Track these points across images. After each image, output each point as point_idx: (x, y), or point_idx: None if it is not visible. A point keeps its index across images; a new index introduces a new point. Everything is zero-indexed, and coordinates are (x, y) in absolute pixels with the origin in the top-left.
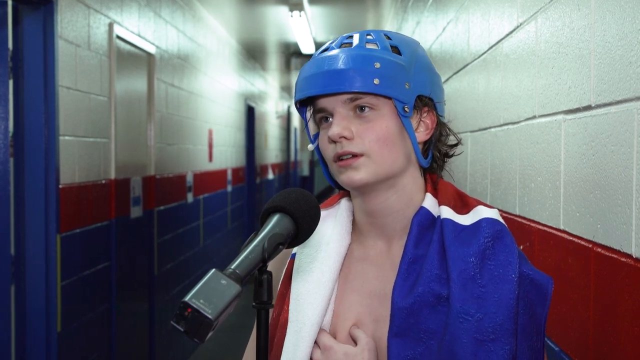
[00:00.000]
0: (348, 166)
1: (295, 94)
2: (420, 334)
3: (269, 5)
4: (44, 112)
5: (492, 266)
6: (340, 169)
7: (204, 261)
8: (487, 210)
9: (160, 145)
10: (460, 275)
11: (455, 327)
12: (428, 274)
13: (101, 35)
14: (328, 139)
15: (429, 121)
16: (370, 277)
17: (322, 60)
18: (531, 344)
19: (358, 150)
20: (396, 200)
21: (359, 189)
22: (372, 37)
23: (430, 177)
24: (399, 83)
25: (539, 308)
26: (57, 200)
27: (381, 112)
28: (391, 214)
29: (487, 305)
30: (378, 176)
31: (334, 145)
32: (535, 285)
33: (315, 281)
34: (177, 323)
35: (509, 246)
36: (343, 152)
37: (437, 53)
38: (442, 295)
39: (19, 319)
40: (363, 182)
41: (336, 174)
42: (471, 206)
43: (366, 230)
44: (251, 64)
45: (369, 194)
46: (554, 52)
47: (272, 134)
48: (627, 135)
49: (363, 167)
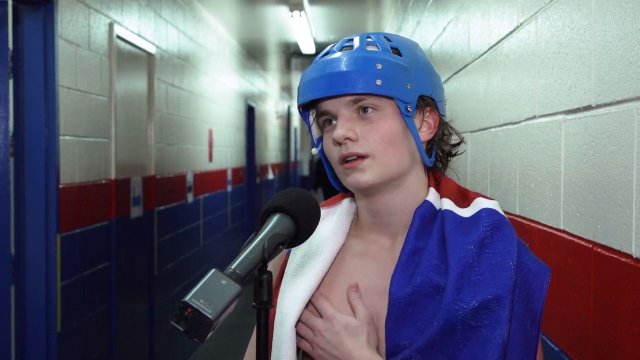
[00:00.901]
0: (354, 168)
1: (298, 98)
2: (418, 323)
3: (269, 5)
4: (44, 112)
5: (490, 254)
6: (347, 171)
7: (204, 261)
8: (487, 201)
9: (161, 145)
10: (459, 263)
11: (450, 314)
12: (427, 264)
13: (101, 35)
14: (333, 141)
15: (432, 120)
16: (370, 272)
17: (324, 64)
18: (524, 332)
19: (363, 151)
20: (401, 199)
21: (365, 190)
22: (373, 39)
23: (433, 174)
24: (401, 83)
25: (536, 297)
26: (57, 200)
27: (384, 112)
28: (396, 213)
29: (483, 292)
30: (384, 177)
31: (338, 147)
32: (532, 274)
33: (302, 276)
34: (177, 323)
35: (508, 235)
36: (348, 153)
37: (437, 53)
38: (440, 286)
39: (19, 319)
40: (369, 184)
41: (342, 177)
42: (471, 199)
43: (369, 228)
44: (251, 64)
45: (375, 195)
46: (554, 52)
47: (272, 134)
48: (628, 135)
49: (369, 169)
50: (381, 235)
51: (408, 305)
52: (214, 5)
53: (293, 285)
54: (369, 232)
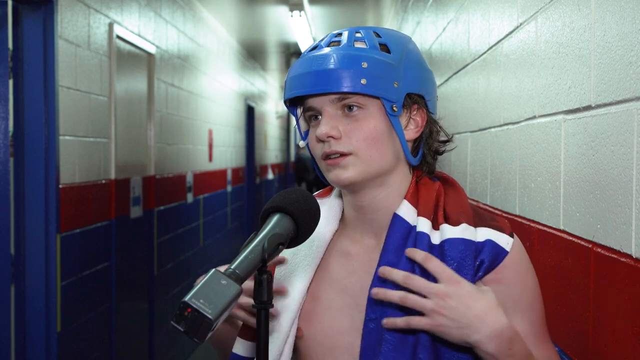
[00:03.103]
0: (336, 165)
1: (285, 92)
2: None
3: (269, 5)
4: (44, 112)
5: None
6: (329, 167)
7: (203, 261)
8: (450, 229)
9: (160, 145)
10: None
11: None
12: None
13: (101, 35)
14: (316, 138)
15: (419, 119)
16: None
17: (310, 60)
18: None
19: (346, 149)
20: (385, 197)
21: (347, 187)
22: (361, 34)
23: (417, 174)
24: (387, 82)
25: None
26: (57, 200)
27: (369, 111)
28: (379, 210)
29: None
30: (366, 175)
31: (322, 144)
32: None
33: (294, 269)
34: (177, 323)
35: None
36: (331, 151)
37: (437, 53)
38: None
39: (18, 319)
40: (351, 181)
41: (325, 173)
42: (439, 222)
43: (354, 224)
44: (251, 64)
45: (358, 191)
46: (554, 52)
47: (272, 134)
48: (627, 136)
49: (351, 166)
50: (365, 234)
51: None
52: (213, 5)
53: (293, 278)
54: (354, 229)
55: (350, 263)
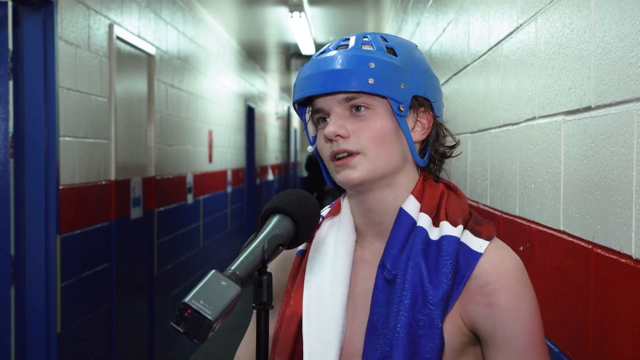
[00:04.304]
0: (345, 165)
1: (294, 95)
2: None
3: (269, 6)
4: (44, 112)
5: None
6: (337, 168)
7: (203, 262)
8: (450, 228)
9: (160, 146)
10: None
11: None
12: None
13: (101, 36)
14: (324, 137)
15: (425, 121)
16: (367, 276)
17: (319, 62)
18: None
19: (354, 148)
20: (393, 199)
21: (355, 187)
22: (369, 39)
23: (424, 176)
24: (394, 83)
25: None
26: (57, 201)
27: (376, 111)
28: (388, 213)
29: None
30: (374, 174)
31: (330, 144)
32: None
33: (329, 284)
34: (177, 324)
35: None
36: (339, 150)
37: (437, 54)
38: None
39: (18, 320)
40: (360, 180)
41: (333, 173)
42: (441, 218)
43: (364, 230)
44: (251, 65)
45: (366, 193)
46: (554, 53)
47: (272, 135)
48: (627, 137)
49: (359, 165)
50: (375, 239)
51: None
52: (213, 6)
53: (322, 296)
54: (364, 236)
55: (362, 270)
